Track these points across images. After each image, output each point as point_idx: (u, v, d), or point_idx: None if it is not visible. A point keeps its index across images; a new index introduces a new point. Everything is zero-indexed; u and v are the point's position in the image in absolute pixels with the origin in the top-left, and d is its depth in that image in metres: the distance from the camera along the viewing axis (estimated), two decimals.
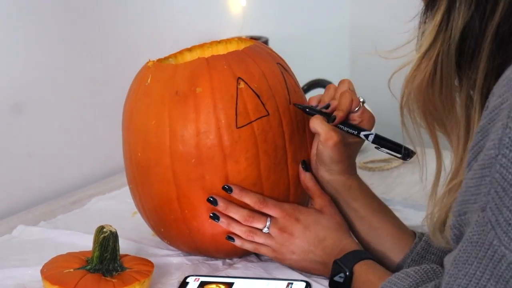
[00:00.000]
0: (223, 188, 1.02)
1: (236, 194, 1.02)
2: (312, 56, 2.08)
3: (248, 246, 1.04)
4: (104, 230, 0.99)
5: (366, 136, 1.01)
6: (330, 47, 2.22)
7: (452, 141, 0.82)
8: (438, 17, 0.78)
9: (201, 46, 1.18)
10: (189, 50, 1.18)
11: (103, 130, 1.54)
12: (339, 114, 1.02)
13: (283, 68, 1.10)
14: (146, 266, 1.02)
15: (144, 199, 1.08)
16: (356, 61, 2.23)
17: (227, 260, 1.11)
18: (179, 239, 1.09)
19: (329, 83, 1.66)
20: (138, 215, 1.16)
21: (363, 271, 0.95)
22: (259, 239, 1.03)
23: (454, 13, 0.77)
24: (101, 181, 1.50)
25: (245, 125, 1.02)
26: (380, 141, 1.01)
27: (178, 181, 1.03)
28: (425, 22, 0.81)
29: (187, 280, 1.04)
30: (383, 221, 1.03)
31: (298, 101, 1.07)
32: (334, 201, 1.06)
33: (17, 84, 1.39)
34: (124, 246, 1.07)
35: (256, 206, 1.02)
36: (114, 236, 1.00)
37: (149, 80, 1.05)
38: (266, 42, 1.76)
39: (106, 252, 0.99)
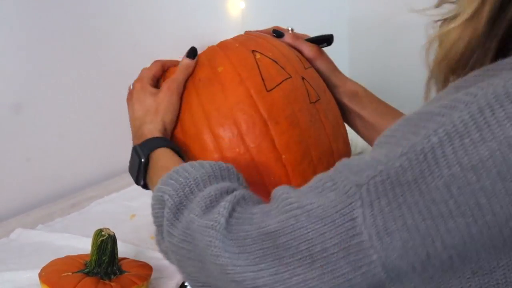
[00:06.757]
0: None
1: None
2: None
3: None
4: (103, 233, 0.99)
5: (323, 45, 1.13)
6: (329, 49, 2.22)
7: None
8: None
9: None
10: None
11: (101, 133, 1.53)
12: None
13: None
14: (144, 270, 1.02)
15: None
16: (356, 60, 2.23)
17: None
18: None
19: None
20: (137, 218, 1.16)
21: (159, 157, 0.93)
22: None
23: None
24: (99, 184, 1.50)
25: (275, 88, 1.02)
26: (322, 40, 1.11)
27: (225, 160, 0.97)
28: None
29: (186, 284, 1.03)
30: (393, 123, 1.02)
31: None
32: (345, 117, 1.09)
33: (15, 87, 1.39)
34: (123, 249, 1.07)
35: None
36: (112, 239, 0.99)
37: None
38: None
39: (105, 256, 0.99)
